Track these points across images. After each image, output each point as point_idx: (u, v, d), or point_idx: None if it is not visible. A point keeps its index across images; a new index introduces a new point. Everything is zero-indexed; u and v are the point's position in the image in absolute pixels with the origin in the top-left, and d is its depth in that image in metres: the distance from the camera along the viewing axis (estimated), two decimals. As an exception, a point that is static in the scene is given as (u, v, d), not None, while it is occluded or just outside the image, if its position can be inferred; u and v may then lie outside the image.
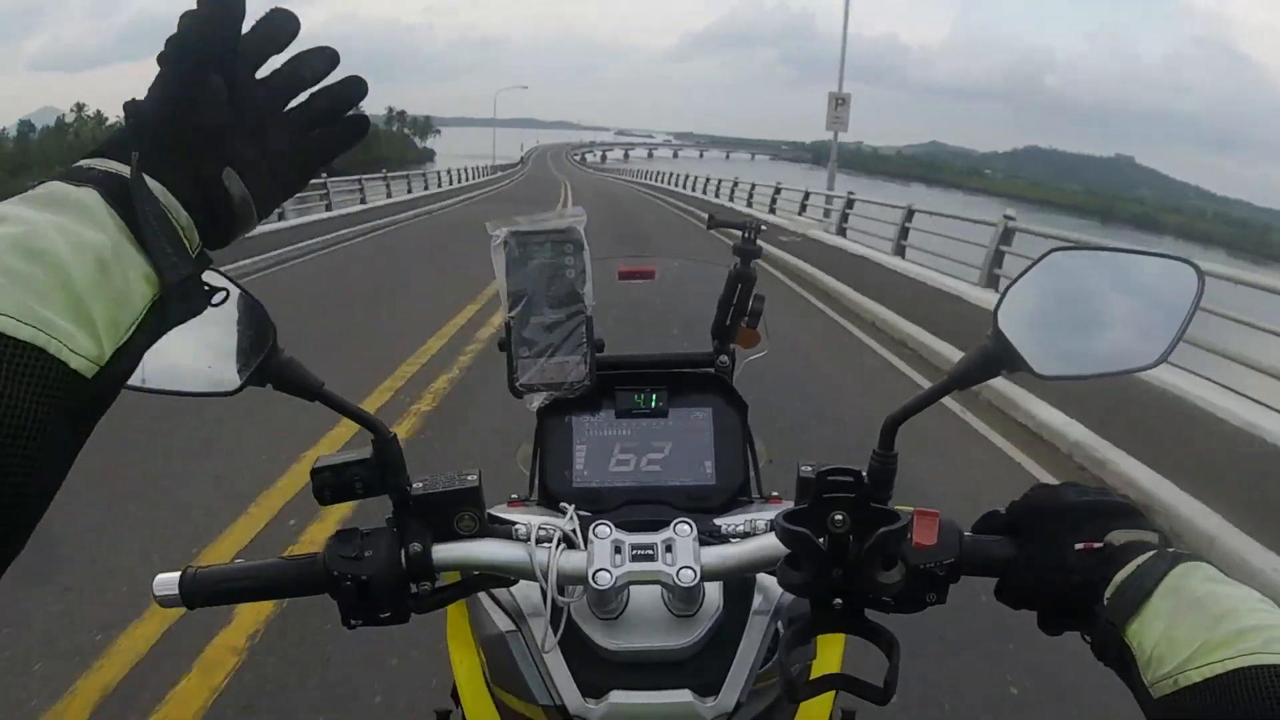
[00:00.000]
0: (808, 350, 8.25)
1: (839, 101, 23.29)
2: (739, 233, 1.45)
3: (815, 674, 0.90)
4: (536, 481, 1.30)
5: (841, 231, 17.68)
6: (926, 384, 0.96)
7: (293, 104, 0.69)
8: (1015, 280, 0.83)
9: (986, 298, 10.69)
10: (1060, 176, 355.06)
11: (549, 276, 1.06)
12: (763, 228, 1.47)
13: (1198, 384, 6.96)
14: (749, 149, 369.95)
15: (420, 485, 0.91)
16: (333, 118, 0.71)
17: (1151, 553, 0.71)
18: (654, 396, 1.29)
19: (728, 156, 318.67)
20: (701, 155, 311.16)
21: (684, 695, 0.95)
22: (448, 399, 6.19)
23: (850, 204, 17.76)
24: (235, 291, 0.82)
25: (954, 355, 7.97)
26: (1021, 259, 10.85)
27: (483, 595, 1.07)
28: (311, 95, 0.70)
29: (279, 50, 0.66)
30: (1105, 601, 0.71)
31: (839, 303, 11.04)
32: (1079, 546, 0.76)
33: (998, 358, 0.80)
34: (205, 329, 0.78)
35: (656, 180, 46.26)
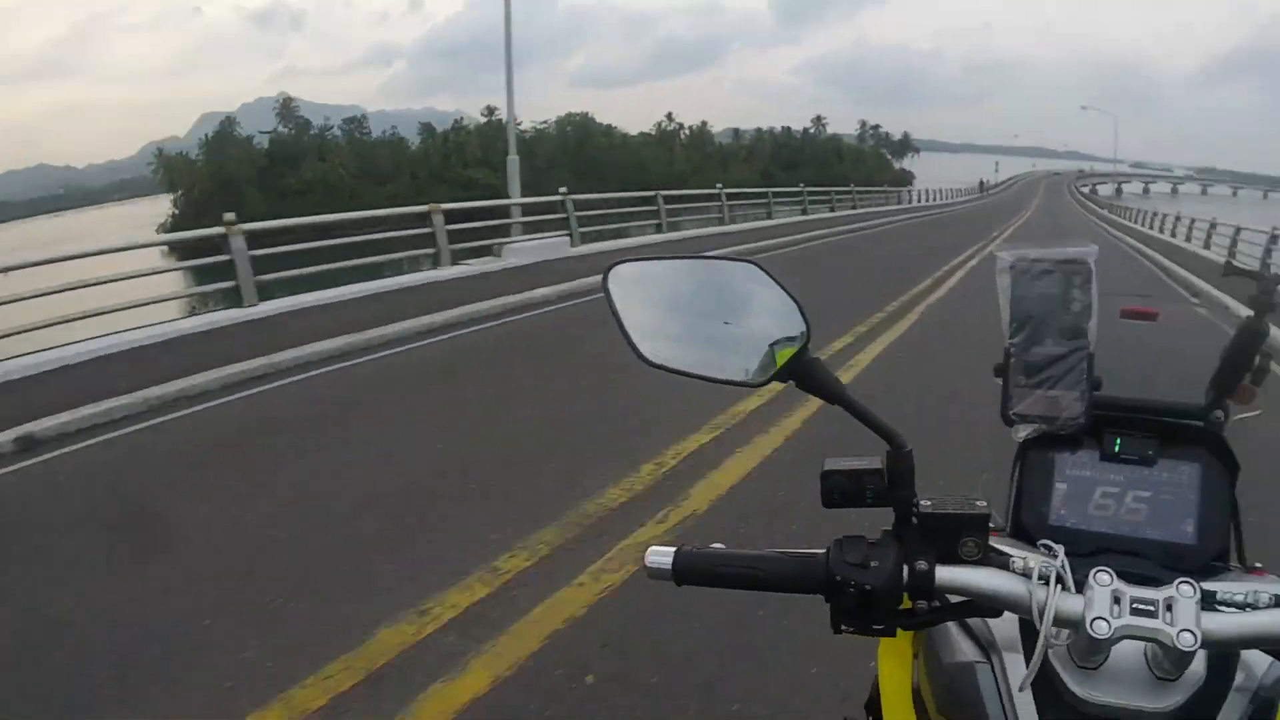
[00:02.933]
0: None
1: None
2: (1256, 283, 1.42)
3: None
4: (1010, 513, 1.31)
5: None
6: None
7: None
8: None
9: None
10: None
11: (1053, 307, 1.16)
12: None
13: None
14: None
15: (929, 503, 0.97)
16: None
17: None
18: (1143, 444, 1.28)
19: (1265, 196, 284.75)
20: (1235, 194, 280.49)
21: None
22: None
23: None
24: (774, 287, 0.97)
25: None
26: None
27: (950, 624, 1.12)
28: None
29: None
30: None
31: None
32: None
33: None
34: (746, 324, 0.98)
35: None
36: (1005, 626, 1.06)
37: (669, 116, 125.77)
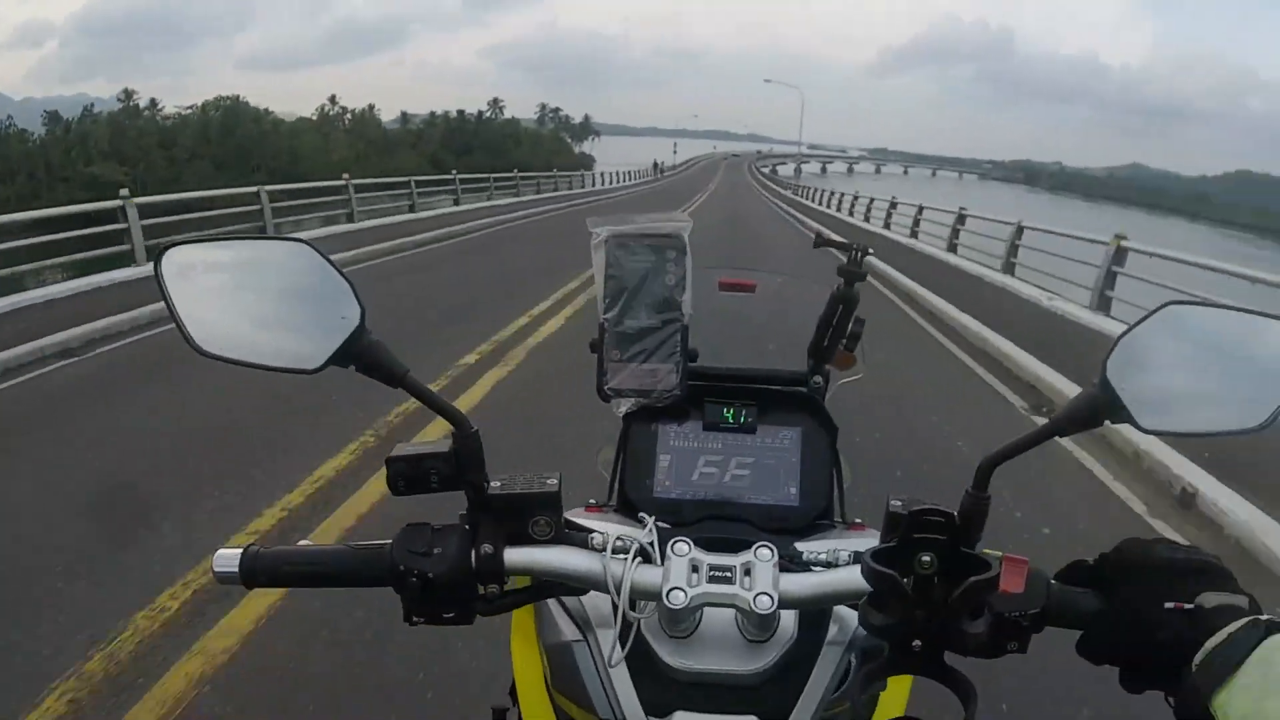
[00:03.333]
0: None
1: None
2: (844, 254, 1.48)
3: (881, 709, 1.08)
4: (617, 488, 1.35)
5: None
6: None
7: None
8: (1127, 331, 0.88)
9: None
10: (1276, 203, 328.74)
11: (648, 281, 1.19)
12: (870, 251, 1.51)
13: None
14: (953, 167, 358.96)
15: (498, 484, 0.96)
16: None
17: (1245, 620, 0.75)
18: (743, 411, 1.34)
19: (934, 174, 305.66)
20: (905, 172, 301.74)
21: None
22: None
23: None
24: (328, 268, 0.92)
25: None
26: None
27: (551, 602, 1.12)
28: None
29: None
30: (1193, 667, 0.75)
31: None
32: (1169, 605, 0.80)
33: (1102, 407, 0.87)
34: (293, 304, 0.93)
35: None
36: (600, 603, 1.06)
37: (332, 100, 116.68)
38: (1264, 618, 0.75)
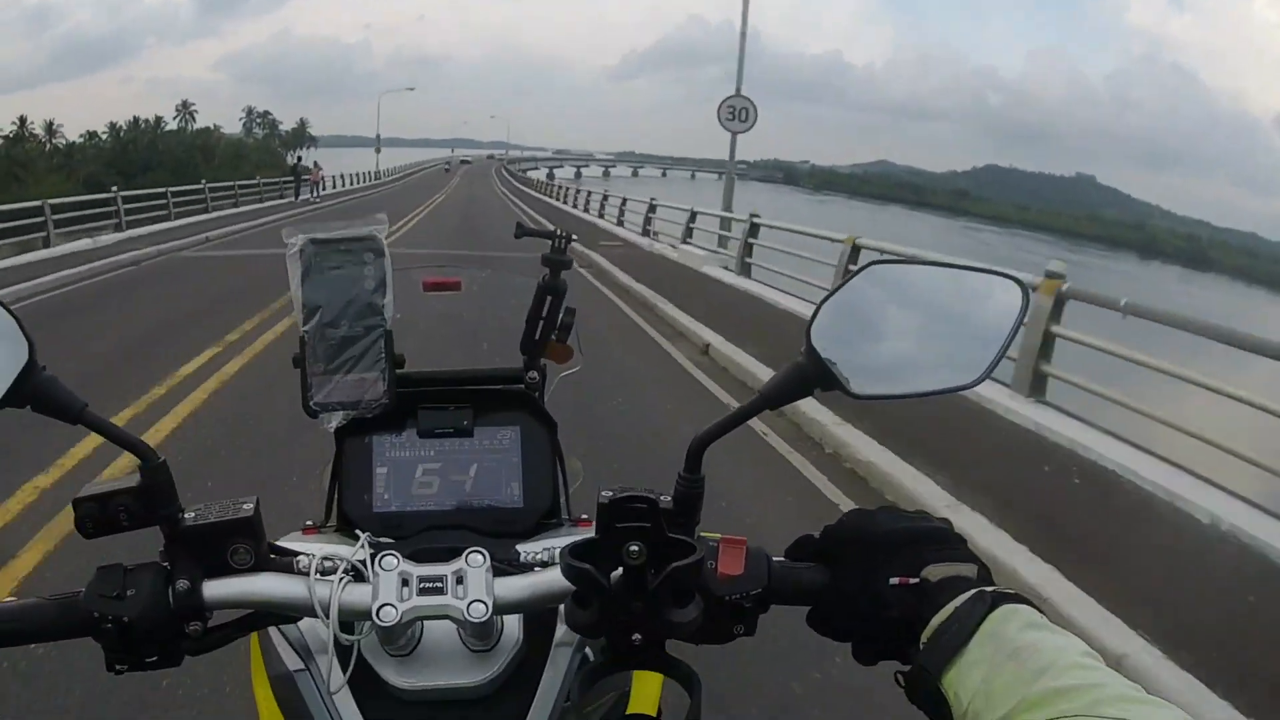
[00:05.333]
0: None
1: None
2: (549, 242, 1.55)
3: (634, 706, 1.10)
4: (335, 506, 1.35)
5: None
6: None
7: None
8: (829, 295, 0.89)
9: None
10: (1026, 197, 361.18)
11: (346, 288, 1.17)
12: (573, 238, 1.60)
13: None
14: (711, 169, 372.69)
15: (192, 515, 0.93)
16: None
17: (969, 594, 0.76)
18: (458, 415, 1.36)
19: (693, 176, 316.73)
20: (664, 174, 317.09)
21: None
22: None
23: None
24: None
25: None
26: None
27: (273, 630, 1.10)
28: None
29: None
30: (921, 646, 0.76)
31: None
32: (894, 581, 0.82)
33: (811, 376, 0.88)
34: None
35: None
36: (319, 629, 1.04)
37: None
38: (990, 589, 0.77)
